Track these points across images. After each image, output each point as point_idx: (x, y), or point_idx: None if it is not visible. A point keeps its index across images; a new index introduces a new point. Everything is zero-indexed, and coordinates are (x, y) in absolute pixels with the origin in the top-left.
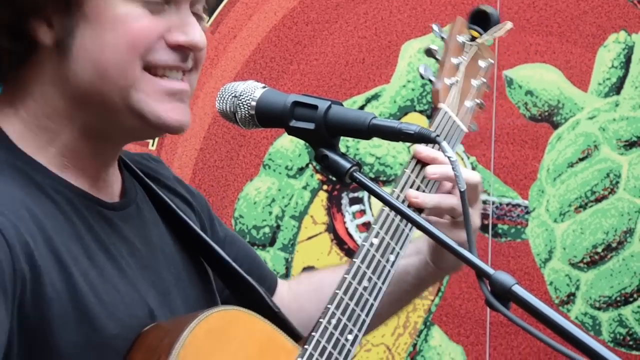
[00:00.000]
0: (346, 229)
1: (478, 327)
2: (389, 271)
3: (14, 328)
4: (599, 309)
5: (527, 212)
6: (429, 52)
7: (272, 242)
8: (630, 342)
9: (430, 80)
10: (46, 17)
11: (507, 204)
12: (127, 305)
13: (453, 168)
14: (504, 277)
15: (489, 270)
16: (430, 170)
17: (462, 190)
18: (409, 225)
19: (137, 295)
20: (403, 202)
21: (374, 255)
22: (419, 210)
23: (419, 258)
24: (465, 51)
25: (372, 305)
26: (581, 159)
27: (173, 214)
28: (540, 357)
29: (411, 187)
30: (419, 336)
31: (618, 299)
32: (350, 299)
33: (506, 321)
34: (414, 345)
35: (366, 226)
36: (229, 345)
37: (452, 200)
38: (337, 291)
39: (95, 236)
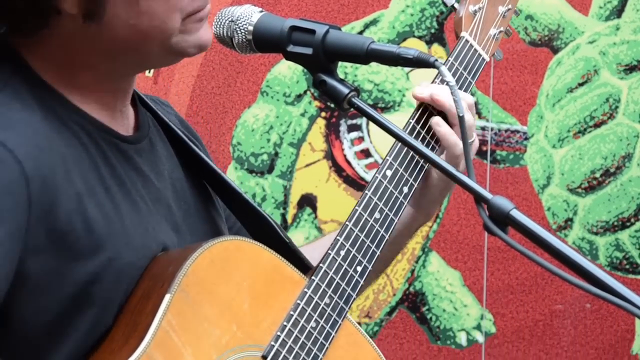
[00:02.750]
0: (344, 156)
1: (476, 253)
2: (402, 203)
3: (26, 259)
4: (596, 233)
5: (526, 138)
6: None
7: (270, 170)
8: (627, 266)
9: (454, 7)
10: None
11: (506, 130)
12: (141, 236)
13: (452, 93)
14: (502, 202)
15: (487, 195)
16: (418, 90)
17: (461, 115)
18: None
19: (150, 227)
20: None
21: (386, 187)
22: None
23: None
24: None
25: (383, 237)
26: (581, 84)
27: (185, 148)
28: (537, 282)
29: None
30: (416, 262)
31: (615, 223)
32: (361, 230)
33: (504, 247)
34: (412, 272)
35: (364, 153)
36: (233, 275)
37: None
38: (347, 223)
39: (112, 168)
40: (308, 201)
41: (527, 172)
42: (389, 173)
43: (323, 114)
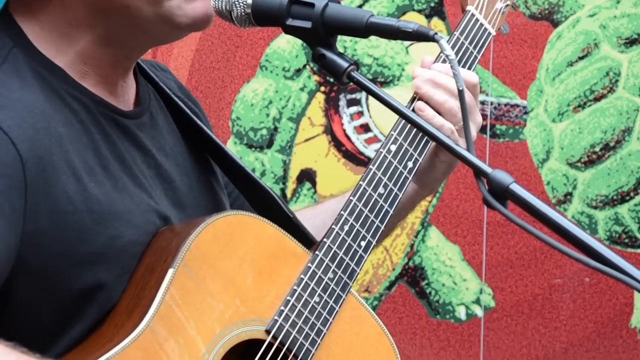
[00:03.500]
0: (344, 130)
1: (475, 227)
2: (406, 178)
3: (28, 242)
4: (595, 207)
5: (526, 112)
6: None
7: (269, 144)
8: (626, 240)
9: None
10: None
11: (506, 104)
12: (143, 212)
13: (452, 67)
14: (502, 176)
15: (487, 168)
16: (417, 71)
17: (460, 89)
18: None
19: (153, 203)
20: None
21: (390, 162)
22: None
23: None
24: None
25: (387, 212)
26: (581, 58)
27: (186, 119)
28: (536, 256)
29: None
30: (416, 237)
31: (615, 197)
32: (365, 205)
33: (503, 221)
34: (411, 246)
35: (364, 128)
36: (236, 250)
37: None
38: (351, 198)
39: (111, 145)
40: (307, 176)
41: (527, 147)
42: (393, 148)
43: (322, 88)
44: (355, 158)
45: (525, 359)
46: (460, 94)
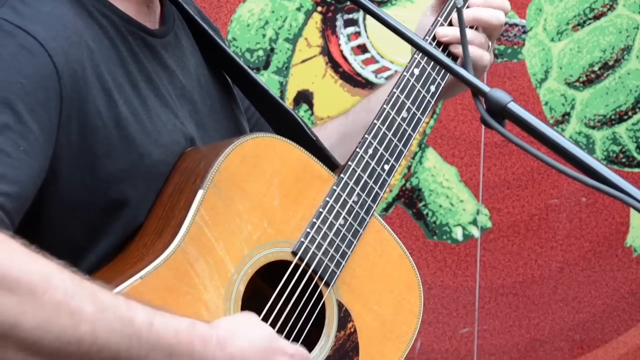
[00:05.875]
0: (341, 51)
1: (472, 148)
2: (429, 102)
3: (59, 155)
4: (593, 127)
5: (524, 32)
6: None
7: (266, 66)
8: (623, 160)
9: None
10: None
11: (504, 24)
12: (170, 132)
13: None
14: (500, 95)
15: (485, 87)
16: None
17: (459, 6)
18: (452, 55)
19: (179, 123)
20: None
21: (414, 86)
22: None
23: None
24: None
25: (410, 135)
26: None
27: (208, 40)
28: (533, 177)
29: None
30: (413, 158)
31: (613, 117)
32: (388, 129)
33: (500, 142)
34: (409, 168)
35: (361, 49)
36: (264, 172)
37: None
38: (375, 121)
39: (140, 64)
40: (304, 97)
41: (525, 67)
42: (416, 71)
43: (319, 8)
44: (353, 79)
45: (521, 278)
46: (459, 11)
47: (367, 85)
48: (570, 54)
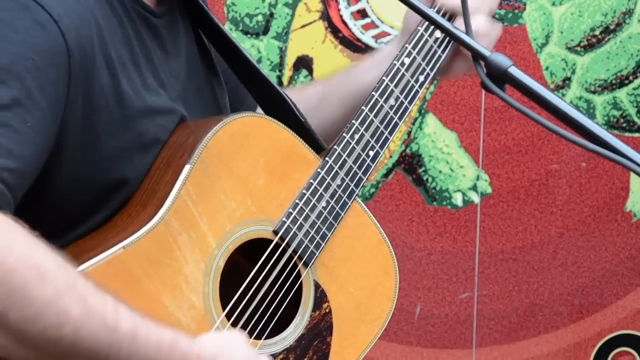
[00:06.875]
0: (341, 16)
1: (472, 114)
2: (417, 91)
3: (64, 132)
4: (593, 92)
5: None
6: None
7: (265, 31)
8: (624, 124)
9: None
10: None
11: None
12: (166, 112)
13: None
14: (500, 59)
15: (485, 52)
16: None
17: None
18: (442, 47)
19: (173, 102)
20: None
21: (403, 75)
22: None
23: (379, 70)
24: None
25: (396, 124)
26: None
27: (206, 19)
28: (534, 142)
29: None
30: (413, 124)
31: (613, 81)
32: (375, 116)
33: (501, 107)
34: (408, 133)
35: (361, 14)
36: (251, 151)
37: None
38: (363, 108)
39: (142, 43)
40: (304, 63)
41: (526, 31)
42: (406, 61)
43: None
44: (352, 44)
45: (520, 243)
46: None
47: (366, 50)
48: (572, 18)
